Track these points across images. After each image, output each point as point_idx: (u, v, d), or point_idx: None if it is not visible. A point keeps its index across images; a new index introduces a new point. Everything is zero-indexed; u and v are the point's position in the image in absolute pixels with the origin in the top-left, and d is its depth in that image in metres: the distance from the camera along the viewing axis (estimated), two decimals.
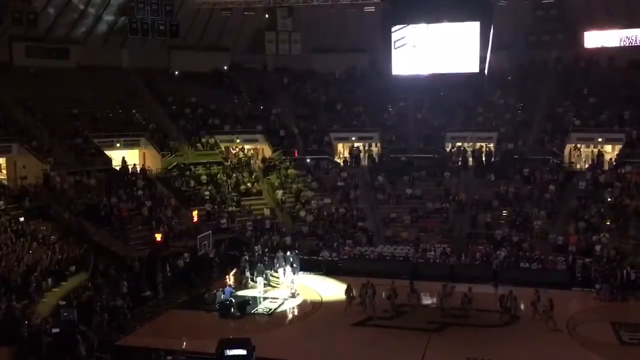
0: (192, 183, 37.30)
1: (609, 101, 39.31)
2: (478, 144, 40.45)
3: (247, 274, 28.68)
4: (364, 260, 31.29)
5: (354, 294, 25.27)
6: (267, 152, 41.59)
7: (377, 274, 27.87)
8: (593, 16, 40.49)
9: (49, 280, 24.70)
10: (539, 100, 41.38)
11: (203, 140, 40.47)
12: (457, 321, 23.75)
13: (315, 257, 31.59)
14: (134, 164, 37.08)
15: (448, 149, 40.55)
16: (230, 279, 27.12)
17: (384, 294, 25.19)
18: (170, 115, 41.88)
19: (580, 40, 41.19)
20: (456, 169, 38.60)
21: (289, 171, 39.54)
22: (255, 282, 27.94)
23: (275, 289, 28.33)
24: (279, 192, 37.36)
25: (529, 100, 41.77)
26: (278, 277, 29.16)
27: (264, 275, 28.30)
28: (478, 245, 31.48)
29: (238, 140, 41.64)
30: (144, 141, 38.58)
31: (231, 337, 21.20)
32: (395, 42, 36.39)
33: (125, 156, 37.33)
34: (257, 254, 30.55)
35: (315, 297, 27.43)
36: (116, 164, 36.51)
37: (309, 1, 38.67)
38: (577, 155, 38.18)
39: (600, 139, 37.31)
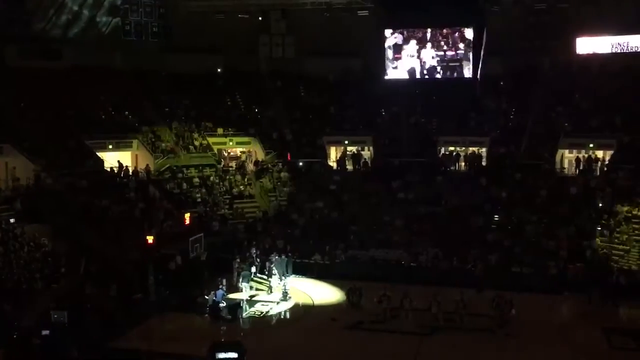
0: (185, 185, 37.25)
1: (601, 107, 39.54)
2: (470, 149, 40.58)
3: (238, 276, 28.65)
4: (355, 263, 31.30)
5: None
6: (260, 155, 41.59)
7: (369, 278, 27.95)
8: (585, 23, 40.71)
9: (40, 282, 24.58)
10: (531, 105, 41.56)
11: (196, 142, 40.43)
12: (449, 325, 23.80)
13: (307, 261, 31.55)
14: (126, 166, 37.00)
15: (441, 154, 40.65)
16: (222, 282, 27.06)
17: (375, 298, 25.19)
18: (163, 117, 41.82)
19: (572, 46, 41.41)
20: (448, 173, 38.70)
21: (282, 174, 39.59)
22: (244, 285, 27.91)
23: (266, 292, 28.28)
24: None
25: (521, 105, 41.96)
26: (269, 281, 29.11)
27: (248, 281, 28.16)
28: (469, 249, 31.53)
29: (231, 143, 41.66)
30: (137, 143, 38.50)
31: (222, 340, 21.18)
32: (388, 46, 36.57)
33: (118, 159, 37.22)
34: (249, 257, 30.49)
35: (307, 301, 27.43)
36: (108, 165, 36.45)
37: (302, 5, 38.73)
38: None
39: (591, 145, 37.48)
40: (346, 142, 42.13)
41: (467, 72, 35.08)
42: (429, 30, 35.29)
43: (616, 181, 34.22)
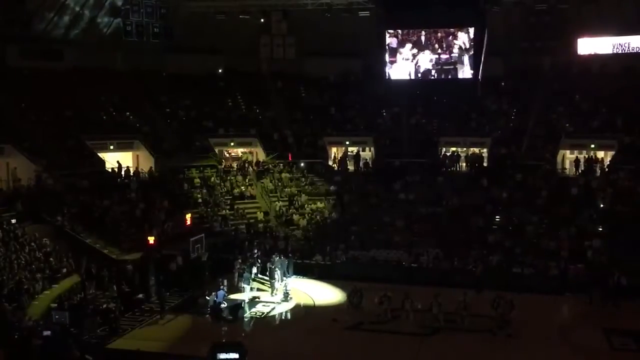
0: (186, 186, 37.27)
1: (602, 107, 39.54)
2: (471, 149, 40.60)
3: (239, 277, 28.66)
4: (356, 264, 31.30)
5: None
6: (261, 155, 41.59)
7: (369, 278, 27.99)
8: (586, 23, 40.70)
9: (41, 282, 24.61)
10: (532, 106, 41.58)
11: (197, 143, 40.43)
12: (449, 326, 23.79)
13: (308, 261, 31.56)
14: (127, 166, 37.00)
15: (442, 154, 40.66)
16: (223, 283, 27.07)
17: (376, 299, 25.19)
18: (164, 118, 41.81)
19: (573, 46, 41.38)
20: (449, 174, 38.70)
21: (283, 175, 39.61)
22: (245, 286, 27.92)
23: (267, 293, 28.28)
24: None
25: (522, 106, 41.98)
26: (269, 281, 29.10)
27: (249, 281, 28.17)
28: (470, 250, 31.52)
29: (232, 144, 41.69)
30: (137, 143, 38.52)
31: (223, 340, 21.18)
32: (388, 46, 36.56)
33: (119, 159, 37.22)
34: (250, 257, 30.49)
35: (308, 301, 27.44)
36: (109, 165, 36.46)
37: (303, 5, 38.71)
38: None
39: (592, 145, 37.50)
40: (347, 142, 42.17)
41: (462, 75, 35.17)
42: (423, 33, 35.22)
43: (617, 182, 34.23)
